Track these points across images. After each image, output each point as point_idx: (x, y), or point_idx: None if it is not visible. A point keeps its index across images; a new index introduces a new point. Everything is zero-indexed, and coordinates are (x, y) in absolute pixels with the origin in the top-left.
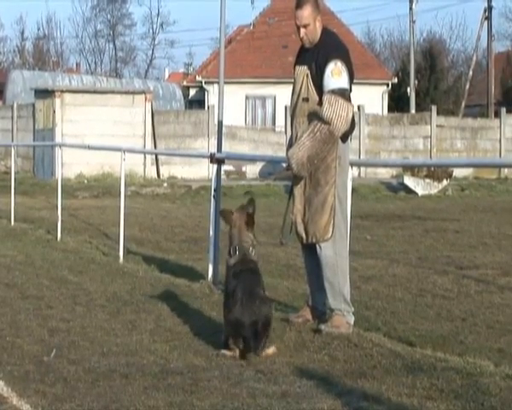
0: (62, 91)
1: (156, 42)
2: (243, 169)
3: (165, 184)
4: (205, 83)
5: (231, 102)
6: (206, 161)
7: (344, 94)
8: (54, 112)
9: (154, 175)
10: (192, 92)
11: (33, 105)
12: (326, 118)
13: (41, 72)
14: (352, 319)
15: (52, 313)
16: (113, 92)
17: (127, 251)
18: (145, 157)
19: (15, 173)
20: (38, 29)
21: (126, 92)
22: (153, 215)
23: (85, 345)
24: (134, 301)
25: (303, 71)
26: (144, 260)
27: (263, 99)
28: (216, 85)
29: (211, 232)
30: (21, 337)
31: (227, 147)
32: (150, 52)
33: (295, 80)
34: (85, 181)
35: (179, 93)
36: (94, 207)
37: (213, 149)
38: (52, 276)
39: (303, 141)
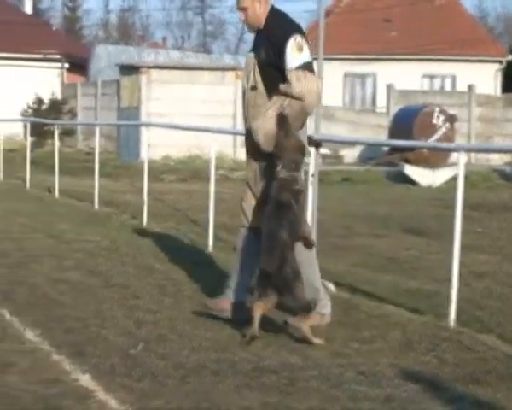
0: (148, 67)
1: None
2: (340, 153)
3: None
4: None
5: (328, 80)
6: None
7: (310, 68)
8: (139, 89)
9: (244, 158)
10: None
11: (118, 82)
12: (297, 94)
13: (126, 46)
14: (327, 309)
15: (138, 303)
16: (201, 69)
17: (217, 239)
18: (235, 138)
19: (99, 154)
20: (123, 1)
21: (216, 69)
22: None
23: (174, 338)
24: (222, 292)
25: (251, 58)
26: (235, 248)
27: (362, 77)
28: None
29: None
30: (107, 328)
31: (323, 129)
32: (241, 26)
33: (246, 68)
34: (171, 163)
35: None
36: (181, 192)
37: (309, 131)
38: (138, 264)
39: (270, 114)
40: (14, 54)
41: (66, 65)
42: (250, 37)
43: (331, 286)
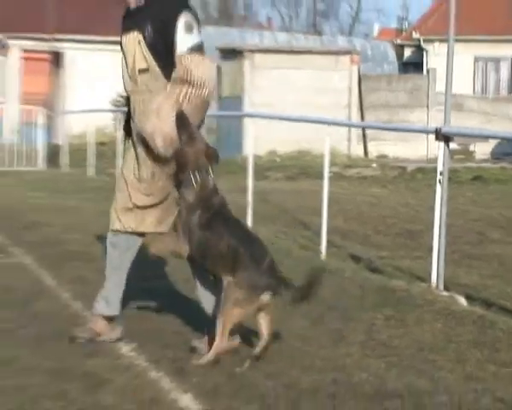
0: (252, 51)
1: None
2: (471, 148)
3: (374, 165)
4: (423, 41)
5: (456, 65)
6: (424, 137)
7: (203, 49)
8: (242, 76)
9: (360, 153)
10: (407, 52)
11: (218, 68)
12: (196, 82)
13: (227, 28)
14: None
15: None
16: (311, 52)
17: (330, 245)
18: (350, 132)
19: None
20: None
21: (328, 52)
22: (359, 202)
23: (283, 357)
24: (340, 307)
25: (133, 38)
26: (351, 256)
27: (496, 61)
28: (437, 44)
29: (435, 226)
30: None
31: (452, 120)
32: (356, 4)
33: (124, 52)
34: (278, 159)
35: (392, 54)
36: (289, 191)
37: (435, 123)
38: None
39: (165, 112)
40: (103, 37)
41: None
42: (367, 17)
43: (462, 300)
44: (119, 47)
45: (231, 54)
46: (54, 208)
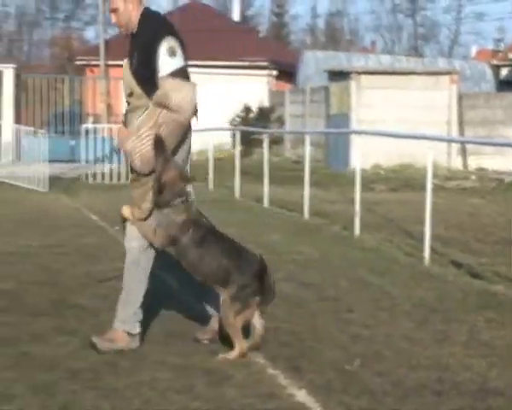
0: (358, 73)
1: (462, 15)
2: None
3: (473, 177)
4: None
5: None
6: None
7: (185, 74)
8: (349, 95)
9: (459, 167)
10: (503, 72)
11: (326, 88)
12: (174, 107)
13: (334, 52)
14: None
15: (352, 317)
16: (413, 73)
17: (433, 252)
18: (450, 147)
19: (307, 163)
20: (331, 5)
21: (429, 73)
22: (459, 212)
23: (390, 355)
24: (443, 309)
25: (125, 65)
26: (452, 262)
27: None
28: None
29: None
30: (321, 342)
31: None
32: (455, 27)
33: (123, 78)
34: (382, 172)
35: (489, 73)
36: (393, 202)
37: None
38: (350, 276)
39: (145, 133)
40: (221, 62)
41: (274, 72)
42: (465, 39)
43: None
44: (231, 70)
45: (339, 75)
46: None
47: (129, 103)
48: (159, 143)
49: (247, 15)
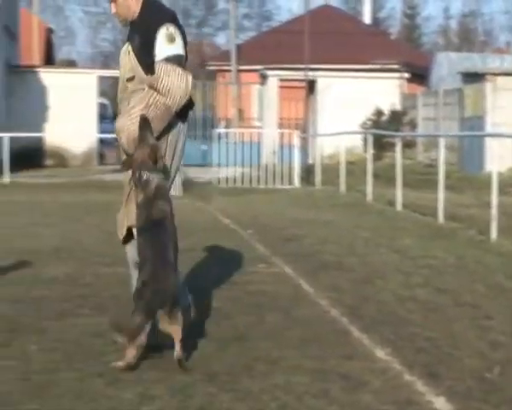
0: (494, 74)
1: None
2: None
3: None
4: None
5: None
6: None
7: (181, 61)
8: (484, 98)
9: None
10: None
11: (460, 90)
12: (163, 89)
13: (468, 53)
14: None
15: (491, 324)
16: None
17: None
18: None
19: (441, 166)
20: (464, 6)
21: None
22: None
23: None
24: None
25: (125, 49)
26: None
27: None
28: None
29: None
30: (459, 349)
31: None
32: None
33: (121, 64)
34: None
35: None
36: None
37: None
38: (488, 282)
39: (135, 113)
40: (353, 65)
41: (406, 74)
42: None
43: None
44: (362, 73)
45: (473, 77)
46: (309, 222)
47: (126, 91)
48: (143, 122)
49: (378, 18)
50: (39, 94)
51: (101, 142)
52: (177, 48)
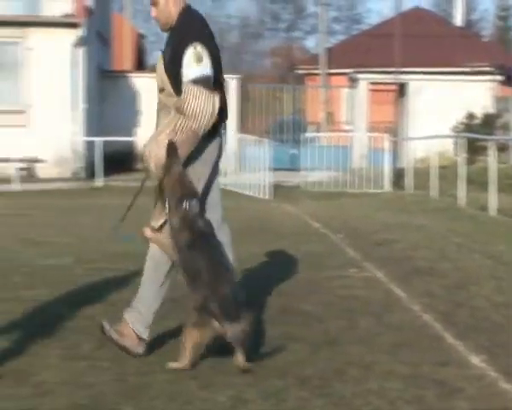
0: None
1: None
2: None
3: None
4: None
5: None
6: None
7: (208, 83)
8: None
9: None
10: None
11: None
12: (189, 113)
13: None
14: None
15: None
16: None
17: None
18: None
19: None
20: None
21: None
22: None
23: None
24: None
25: (159, 58)
26: None
27: None
28: None
29: None
30: None
31: None
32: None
33: (156, 71)
34: None
35: None
36: None
37: None
38: None
39: (163, 138)
40: (444, 68)
41: (499, 77)
42: None
43: None
44: (454, 76)
45: None
46: (400, 226)
47: (160, 101)
48: (171, 149)
49: (470, 20)
50: (131, 99)
51: None
52: (205, 68)
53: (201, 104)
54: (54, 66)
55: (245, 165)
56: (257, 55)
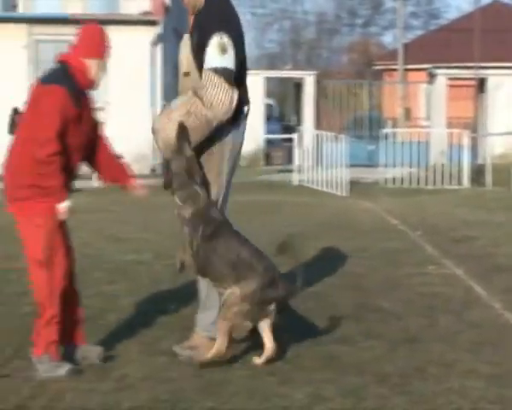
0: None
1: None
2: None
3: None
4: None
5: None
6: None
7: (229, 76)
8: None
9: None
10: None
11: None
12: (206, 100)
13: None
14: None
15: None
16: None
17: None
18: None
19: None
20: None
21: None
22: None
23: None
24: None
25: (185, 41)
26: None
27: None
28: None
29: None
30: None
31: None
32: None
33: (180, 53)
34: None
35: None
36: None
37: None
38: None
39: (175, 117)
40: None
41: None
42: None
43: None
44: None
45: None
46: (480, 223)
47: (182, 85)
48: (182, 131)
49: None
50: None
51: (268, 142)
52: (228, 61)
53: (219, 95)
54: (132, 63)
55: (321, 161)
56: (333, 52)
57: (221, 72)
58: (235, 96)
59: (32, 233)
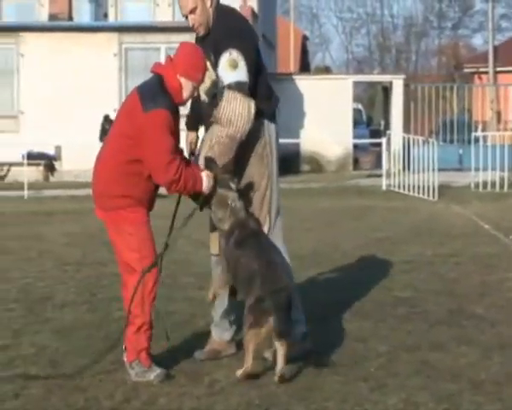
0: None
1: None
2: None
3: None
4: None
5: None
6: None
7: (243, 88)
8: None
9: None
10: None
11: None
12: (224, 118)
13: None
14: None
15: None
16: None
17: None
18: None
19: None
20: None
21: None
22: None
23: None
24: None
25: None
26: None
27: None
28: None
29: None
30: None
31: None
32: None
33: None
34: None
35: None
36: None
37: None
38: None
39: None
40: None
41: None
42: None
43: None
44: None
45: None
46: None
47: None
48: (208, 162)
49: None
50: (296, 101)
51: (355, 147)
52: (240, 74)
53: (236, 109)
54: None
55: (410, 166)
56: (422, 55)
57: (234, 86)
58: (253, 105)
59: (124, 241)
